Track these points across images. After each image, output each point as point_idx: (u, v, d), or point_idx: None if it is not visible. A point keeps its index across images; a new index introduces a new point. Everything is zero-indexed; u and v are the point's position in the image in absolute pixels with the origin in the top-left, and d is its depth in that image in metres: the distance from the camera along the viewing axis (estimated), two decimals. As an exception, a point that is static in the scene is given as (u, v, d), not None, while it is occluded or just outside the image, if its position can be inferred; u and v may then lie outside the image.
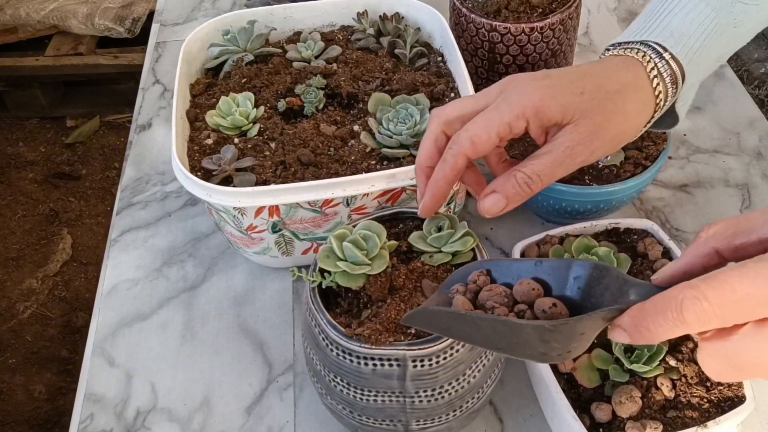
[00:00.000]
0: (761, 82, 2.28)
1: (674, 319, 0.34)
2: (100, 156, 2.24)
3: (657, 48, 0.52)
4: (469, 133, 0.48)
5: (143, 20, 2.16)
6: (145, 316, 0.74)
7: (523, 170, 0.48)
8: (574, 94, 0.49)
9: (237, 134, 0.72)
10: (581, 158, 0.49)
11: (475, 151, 0.49)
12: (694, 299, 0.33)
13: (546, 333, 0.37)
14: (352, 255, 0.52)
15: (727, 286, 0.32)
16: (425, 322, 0.44)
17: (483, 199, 0.49)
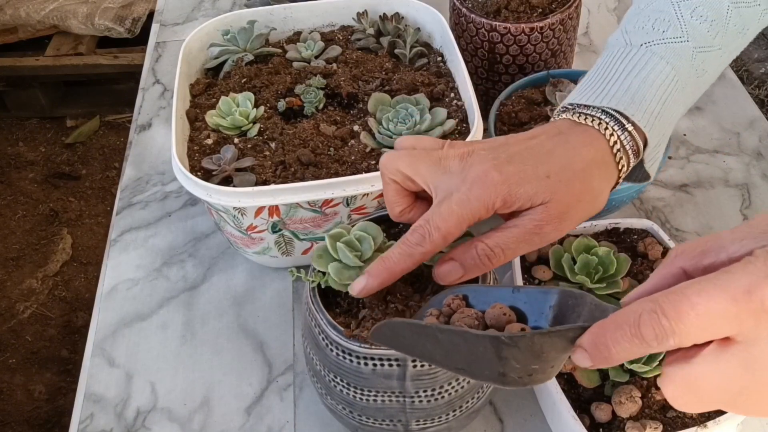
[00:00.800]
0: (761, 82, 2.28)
1: (632, 335, 0.32)
2: (100, 156, 2.24)
3: (619, 119, 0.50)
4: (442, 232, 0.46)
5: (143, 20, 2.16)
6: (145, 316, 0.74)
7: (486, 242, 0.47)
8: (539, 178, 0.47)
9: (237, 134, 0.72)
10: (550, 237, 0.48)
11: (445, 245, 0.47)
12: (652, 313, 0.31)
13: (503, 348, 0.36)
14: (344, 257, 0.51)
15: (685, 299, 0.31)
16: (390, 337, 0.43)
17: (440, 265, 0.48)
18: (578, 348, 0.35)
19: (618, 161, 0.50)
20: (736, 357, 0.31)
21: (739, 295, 0.30)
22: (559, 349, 0.36)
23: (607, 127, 0.50)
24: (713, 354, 0.31)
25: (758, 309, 0.29)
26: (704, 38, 0.53)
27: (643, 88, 0.51)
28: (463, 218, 0.46)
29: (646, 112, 0.50)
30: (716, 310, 0.30)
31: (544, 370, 0.37)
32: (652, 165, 0.54)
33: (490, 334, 0.37)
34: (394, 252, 0.47)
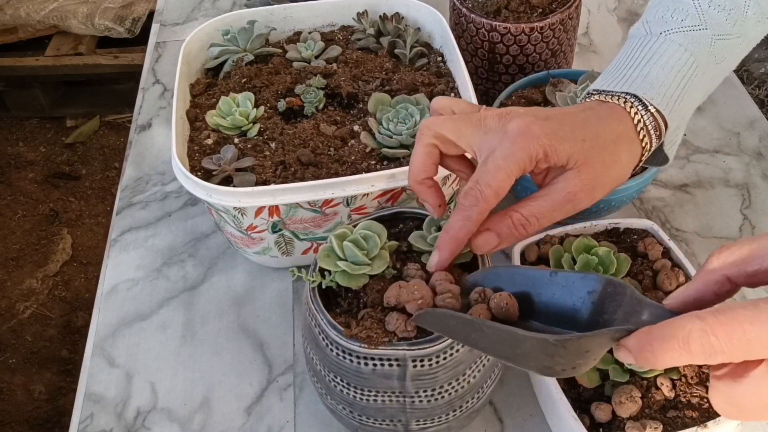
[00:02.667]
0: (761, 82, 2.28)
1: (680, 348, 0.33)
2: (100, 156, 2.24)
3: (643, 100, 0.52)
4: (493, 188, 0.47)
5: (143, 20, 2.16)
6: (145, 316, 0.74)
7: (521, 211, 0.48)
8: (577, 140, 0.49)
9: (237, 134, 0.72)
10: (583, 204, 0.49)
11: (498, 200, 0.48)
12: (702, 332, 0.33)
13: (549, 347, 0.37)
14: (353, 255, 0.52)
15: (737, 325, 0.32)
16: (434, 322, 0.44)
17: (477, 236, 0.49)
18: (623, 348, 0.37)
19: (642, 139, 0.52)
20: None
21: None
22: (602, 346, 0.38)
23: (632, 105, 0.52)
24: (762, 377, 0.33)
25: None
26: (722, 26, 0.55)
27: (662, 75, 0.53)
28: (511, 171, 0.47)
29: (665, 96, 0.53)
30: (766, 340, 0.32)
31: (586, 363, 0.39)
32: (671, 147, 0.56)
33: (538, 336, 0.38)
34: (454, 219, 0.48)
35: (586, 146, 0.49)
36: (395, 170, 0.63)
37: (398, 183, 0.63)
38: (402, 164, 0.68)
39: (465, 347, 0.51)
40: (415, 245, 0.55)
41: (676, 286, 0.61)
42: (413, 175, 0.52)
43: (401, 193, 0.66)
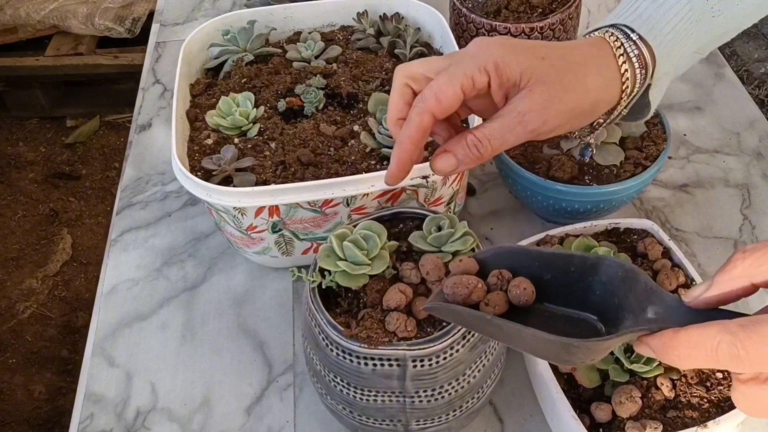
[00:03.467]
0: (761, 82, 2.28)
1: (707, 357, 0.35)
2: (100, 156, 2.24)
3: (624, 29, 0.53)
4: (434, 90, 0.48)
5: (143, 20, 2.16)
6: (145, 316, 0.74)
7: (474, 133, 0.48)
8: (535, 57, 0.49)
9: (237, 134, 0.72)
10: (532, 126, 0.48)
11: (440, 108, 0.48)
12: (732, 345, 0.34)
13: (573, 348, 0.38)
14: (353, 255, 0.52)
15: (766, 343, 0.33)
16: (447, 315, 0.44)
17: (435, 158, 0.50)
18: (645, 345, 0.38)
19: (621, 65, 0.51)
20: None
21: None
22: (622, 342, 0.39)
23: (612, 34, 0.52)
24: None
25: None
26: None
27: (657, 14, 0.53)
28: (456, 79, 0.48)
29: (654, 28, 0.52)
30: None
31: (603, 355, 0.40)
32: (657, 94, 0.55)
33: (563, 340, 0.38)
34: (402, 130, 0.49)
35: (545, 64, 0.49)
36: (395, 170, 0.62)
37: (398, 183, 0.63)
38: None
39: (465, 348, 0.51)
40: (415, 245, 0.55)
41: (676, 287, 0.61)
42: (389, 116, 0.52)
43: (401, 193, 0.66)
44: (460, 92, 0.48)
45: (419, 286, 0.53)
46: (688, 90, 0.94)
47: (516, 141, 0.49)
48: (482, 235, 0.78)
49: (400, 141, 0.49)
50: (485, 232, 0.78)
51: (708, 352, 0.34)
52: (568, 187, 0.68)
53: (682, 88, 0.94)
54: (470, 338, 0.51)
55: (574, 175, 0.70)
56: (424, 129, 0.49)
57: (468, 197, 0.80)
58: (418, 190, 0.66)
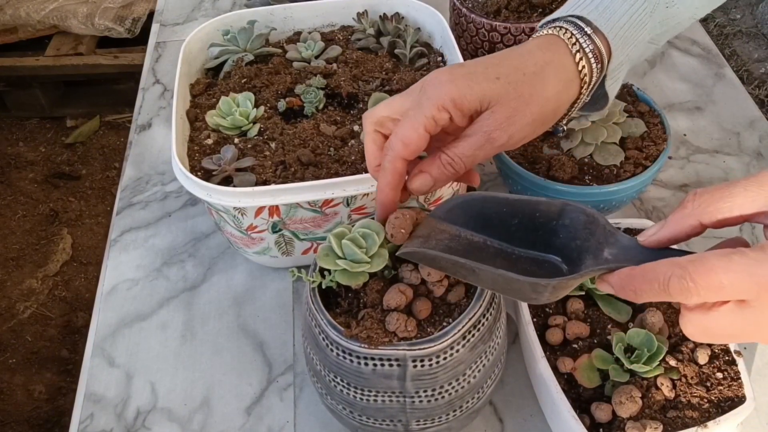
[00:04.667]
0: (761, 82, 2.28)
1: (660, 290, 0.38)
2: (100, 156, 2.24)
3: (579, 23, 0.53)
4: (399, 137, 0.50)
5: (143, 20, 2.16)
6: (145, 316, 0.74)
7: (447, 153, 0.51)
8: (489, 80, 0.50)
9: (237, 134, 0.72)
10: (499, 143, 0.50)
11: (409, 152, 0.50)
12: (681, 279, 0.37)
13: (540, 287, 0.42)
14: (352, 253, 0.52)
15: (713, 275, 0.36)
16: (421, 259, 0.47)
17: (412, 178, 0.51)
18: (605, 282, 0.42)
19: (578, 63, 0.52)
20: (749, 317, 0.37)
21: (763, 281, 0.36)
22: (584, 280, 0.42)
23: (566, 31, 0.52)
24: (730, 311, 0.37)
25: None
26: None
27: (613, 5, 0.53)
28: (418, 121, 0.50)
29: (610, 20, 0.53)
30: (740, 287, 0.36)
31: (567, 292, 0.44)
32: (613, 84, 0.56)
33: (530, 280, 0.42)
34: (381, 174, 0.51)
35: (500, 84, 0.50)
36: (395, 170, 0.62)
37: (398, 183, 0.63)
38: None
39: (465, 348, 0.51)
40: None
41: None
42: (368, 165, 0.54)
43: (401, 193, 0.66)
44: (425, 133, 0.50)
45: (419, 286, 0.53)
46: (688, 90, 0.94)
47: (486, 156, 0.51)
48: (482, 235, 0.77)
49: (380, 188, 0.51)
50: (485, 232, 0.78)
51: (660, 284, 0.38)
52: (568, 187, 0.68)
53: (682, 88, 0.94)
54: (470, 338, 0.51)
55: (574, 175, 0.70)
56: (399, 174, 0.51)
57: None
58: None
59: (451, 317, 0.51)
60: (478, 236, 0.48)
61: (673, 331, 0.58)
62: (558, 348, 0.58)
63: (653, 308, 0.58)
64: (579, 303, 0.60)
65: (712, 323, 0.38)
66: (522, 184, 0.71)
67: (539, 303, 0.44)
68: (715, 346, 0.57)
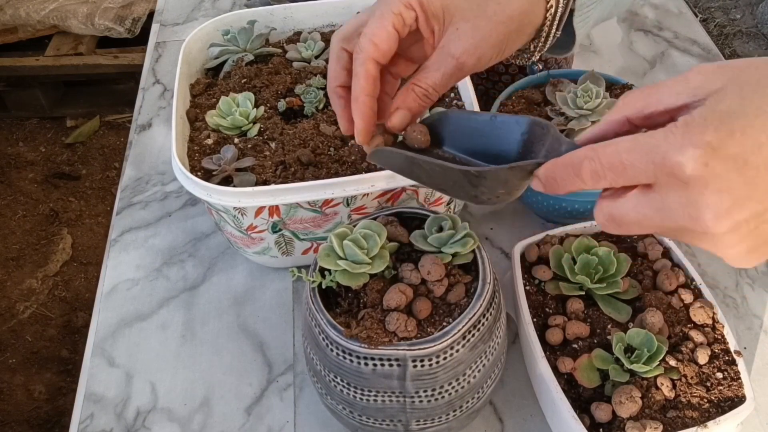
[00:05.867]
0: (761, 82, 2.28)
1: (574, 175, 0.40)
2: (100, 156, 2.24)
3: None
4: (368, 36, 0.50)
5: (143, 20, 2.16)
6: (145, 316, 0.74)
7: (420, 84, 0.51)
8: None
9: (237, 134, 0.72)
10: (469, 66, 0.51)
11: (380, 52, 0.50)
12: (590, 160, 0.39)
13: (473, 177, 0.44)
14: (353, 254, 0.52)
15: (616, 154, 0.38)
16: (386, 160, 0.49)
17: (390, 117, 0.51)
18: (535, 178, 0.43)
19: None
20: (652, 203, 0.38)
21: (657, 159, 0.36)
22: (520, 178, 0.44)
23: None
24: (634, 196, 0.38)
25: (669, 173, 0.36)
26: None
27: None
28: (386, 19, 0.50)
29: None
30: (639, 167, 0.37)
31: (509, 192, 0.45)
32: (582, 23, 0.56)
33: (461, 168, 0.44)
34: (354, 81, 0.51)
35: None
36: (395, 170, 0.62)
37: (398, 183, 0.63)
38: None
39: (465, 348, 0.51)
40: (416, 244, 0.55)
41: (676, 287, 0.61)
42: (329, 84, 0.53)
43: (401, 193, 0.66)
44: (393, 30, 0.50)
45: (419, 286, 0.53)
46: (688, 90, 0.94)
47: (457, 80, 0.52)
48: (482, 235, 0.78)
49: (355, 97, 0.50)
50: (485, 232, 0.78)
51: (574, 169, 0.39)
52: (568, 187, 0.68)
53: (682, 88, 0.94)
54: (470, 338, 0.51)
55: (574, 175, 0.69)
56: (373, 78, 0.50)
57: (468, 197, 0.80)
58: (418, 190, 0.66)
59: (451, 317, 0.51)
60: (450, 152, 0.50)
61: (673, 331, 0.58)
62: (558, 348, 0.58)
63: (653, 308, 0.58)
64: (579, 303, 0.61)
65: (619, 210, 0.39)
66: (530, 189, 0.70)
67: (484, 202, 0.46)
68: (716, 346, 0.57)
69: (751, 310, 0.70)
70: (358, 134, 0.52)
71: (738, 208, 0.36)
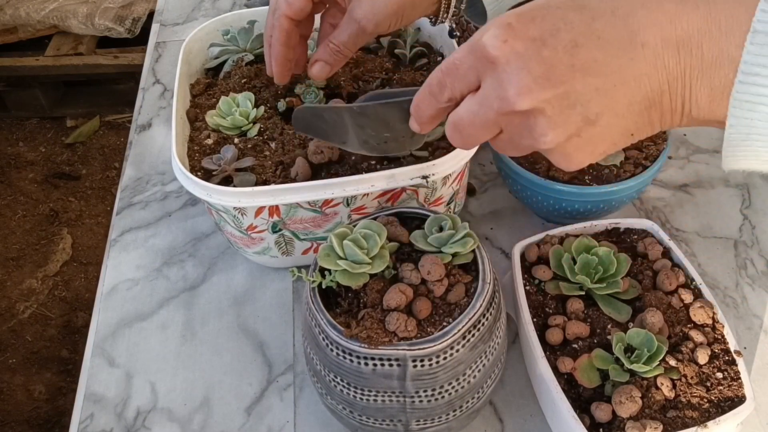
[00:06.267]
0: (761, 82, 2.27)
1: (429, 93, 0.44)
2: (100, 156, 2.24)
3: None
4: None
5: (143, 20, 2.16)
6: (145, 316, 0.74)
7: (334, 42, 0.61)
8: None
9: (237, 134, 0.72)
10: (369, 29, 0.60)
11: (293, 11, 0.60)
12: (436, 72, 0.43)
13: (356, 117, 0.48)
14: (353, 254, 0.52)
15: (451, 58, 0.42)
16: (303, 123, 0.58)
17: (311, 68, 0.62)
18: (411, 117, 0.46)
19: None
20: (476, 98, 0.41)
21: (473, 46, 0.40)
22: (400, 119, 0.47)
23: None
24: (467, 100, 0.42)
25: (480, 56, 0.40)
26: None
27: None
28: None
29: None
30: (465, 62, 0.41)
31: (396, 139, 0.49)
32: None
33: (345, 105, 0.50)
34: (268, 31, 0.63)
35: None
36: (395, 170, 0.63)
37: (398, 183, 0.63)
38: (402, 164, 0.68)
39: (465, 348, 0.51)
40: (416, 245, 0.55)
41: (676, 287, 0.61)
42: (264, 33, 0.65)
43: (401, 193, 0.66)
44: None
45: (419, 286, 0.53)
46: (688, 90, 0.94)
47: (364, 41, 0.62)
48: (482, 235, 0.78)
49: (272, 44, 0.62)
50: (485, 232, 0.78)
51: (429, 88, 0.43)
52: (568, 187, 0.68)
53: (682, 88, 0.94)
54: (470, 338, 0.51)
55: (573, 175, 0.70)
56: (287, 31, 0.61)
57: (468, 197, 0.80)
58: (418, 190, 0.66)
59: (451, 317, 0.51)
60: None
61: (673, 331, 0.58)
62: (558, 348, 0.58)
63: (653, 308, 0.58)
64: (579, 303, 0.61)
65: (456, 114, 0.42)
66: (522, 183, 0.71)
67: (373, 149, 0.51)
68: (716, 346, 0.57)
69: (751, 310, 0.70)
70: (276, 76, 0.64)
71: (538, 88, 0.38)
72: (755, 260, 0.74)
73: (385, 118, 0.48)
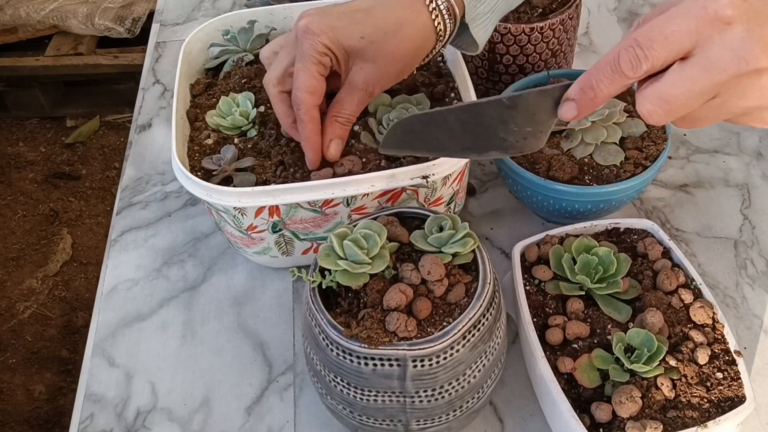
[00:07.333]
0: (761, 82, 2.27)
1: (613, 70, 0.41)
2: (100, 156, 2.24)
3: None
4: (303, 89, 0.59)
5: (143, 20, 2.16)
6: (145, 316, 0.74)
7: (340, 115, 0.62)
8: (354, 39, 0.59)
9: (237, 134, 0.72)
10: (376, 93, 0.62)
11: (315, 98, 0.60)
12: (628, 47, 0.40)
13: (504, 110, 0.44)
14: (353, 254, 0.52)
15: (656, 28, 0.39)
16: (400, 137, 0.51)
17: (326, 151, 0.63)
18: (565, 102, 0.44)
19: (434, 20, 0.60)
20: (697, 62, 0.38)
21: (697, 12, 0.37)
22: (547, 111, 0.44)
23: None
24: (678, 67, 0.39)
25: (711, 20, 0.37)
26: None
27: None
28: (311, 70, 0.59)
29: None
30: (682, 30, 0.38)
31: (536, 134, 0.45)
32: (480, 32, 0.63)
33: (492, 98, 0.44)
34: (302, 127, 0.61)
35: (364, 43, 0.58)
36: (395, 170, 0.63)
37: (398, 183, 0.63)
38: (402, 164, 0.68)
39: (465, 348, 0.51)
40: (416, 245, 0.55)
41: (676, 287, 0.61)
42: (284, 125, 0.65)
43: (401, 193, 0.66)
44: (320, 77, 0.59)
45: (419, 286, 0.53)
46: (688, 90, 0.94)
47: (368, 103, 0.63)
48: (482, 235, 0.78)
49: (306, 137, 0.61)
50: (485, 232, 0.78)
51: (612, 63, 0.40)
52: (568, 187, 0.68)
53: (682, 88, 0.94)
54: (470, 338, 0.51)
55: (574, 175, 0.70)
56: (317, 119, 0.61)
57: (468, 197, 0.80)
58: (418, 190, 0.66)
59: (451, 317, 0.51)
60: None
61: (673, 331, 0.58)
62: (558, 348, 0.58)
63: (653, 308, 0.58)
64: (579, 303, 0.61)
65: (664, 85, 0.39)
66: (522, 183, 0.71)
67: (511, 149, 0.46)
68: (716, 346, 0.57)
69: (751, 310, 0.70)
70: (311, 164, 0.63)
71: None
72: (755, 260, 0.74)
73: (534, 109, 0.44)
